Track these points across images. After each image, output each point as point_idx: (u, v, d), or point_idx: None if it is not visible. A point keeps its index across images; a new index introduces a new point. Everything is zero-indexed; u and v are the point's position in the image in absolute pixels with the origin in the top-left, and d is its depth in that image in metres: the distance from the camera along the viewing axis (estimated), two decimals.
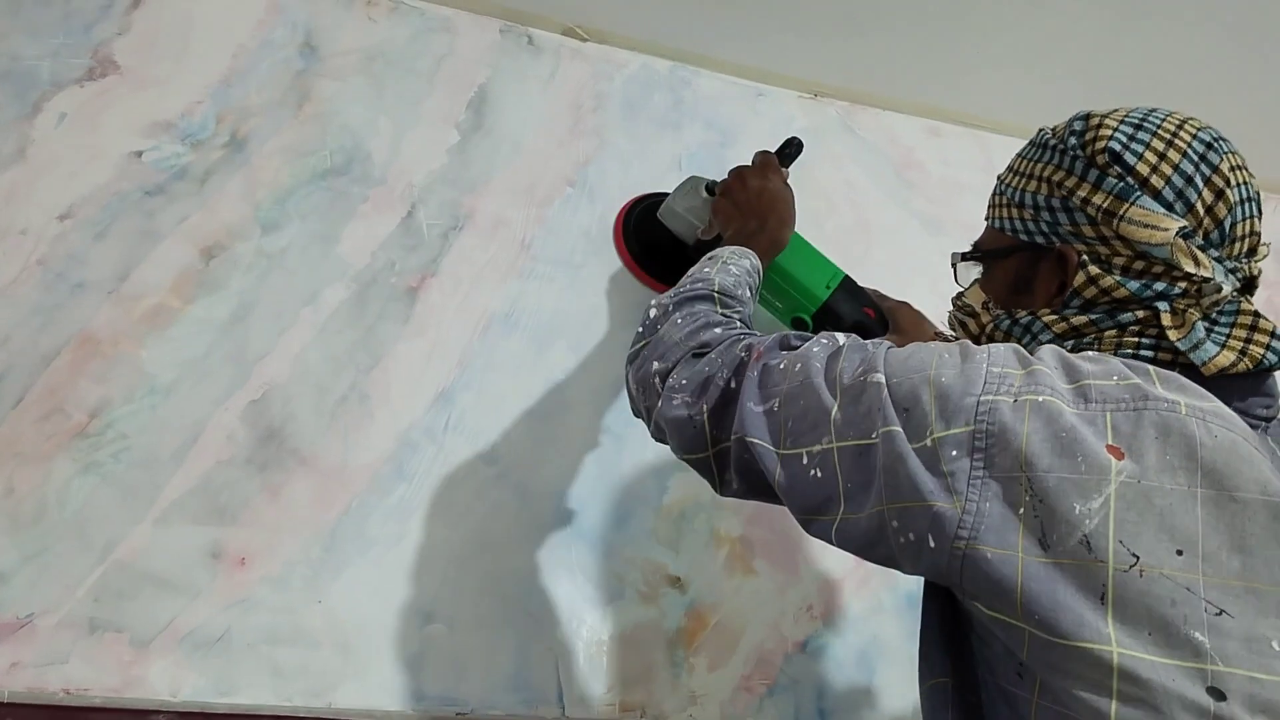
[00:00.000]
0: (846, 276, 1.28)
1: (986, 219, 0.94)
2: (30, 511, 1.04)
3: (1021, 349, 0.72)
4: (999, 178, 0.93)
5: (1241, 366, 0.75)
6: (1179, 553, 0.61)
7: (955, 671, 0.77)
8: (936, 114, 1.68)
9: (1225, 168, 0.78)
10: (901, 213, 1.58)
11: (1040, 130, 0.89)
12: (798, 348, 0.83)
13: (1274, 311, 1.76)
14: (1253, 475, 0.63)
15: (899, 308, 1.30)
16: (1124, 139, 0.79)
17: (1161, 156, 0.78)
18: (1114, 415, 0.66)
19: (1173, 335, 0.76)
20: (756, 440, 0.79)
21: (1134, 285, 0.79)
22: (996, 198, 0.92)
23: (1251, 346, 0.76)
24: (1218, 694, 0.59)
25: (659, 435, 0.91)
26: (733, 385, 0.83)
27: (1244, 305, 0.79)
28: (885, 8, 1.48)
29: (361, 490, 1.15)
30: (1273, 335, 0.77)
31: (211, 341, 1.15)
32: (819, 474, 0.74)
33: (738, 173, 1.22)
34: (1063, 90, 1.62)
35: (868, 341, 0.80)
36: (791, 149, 1.29)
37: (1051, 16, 1.49)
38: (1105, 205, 0.79)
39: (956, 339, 0.99)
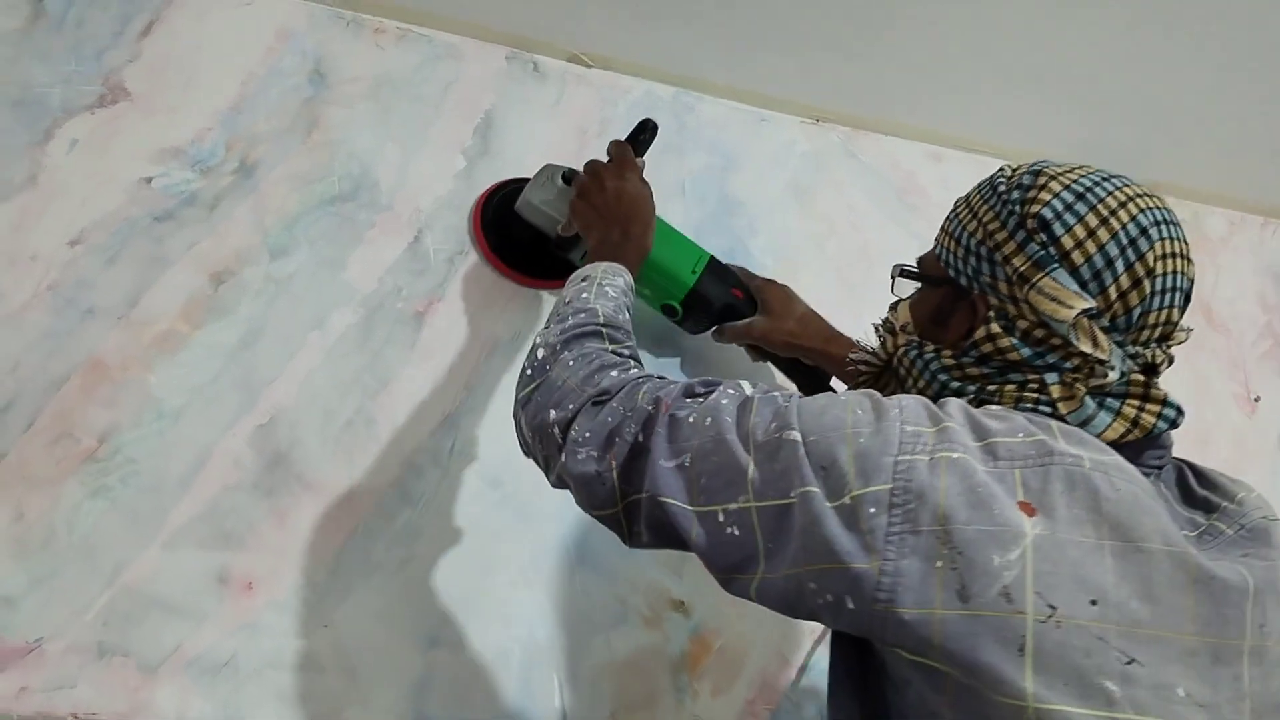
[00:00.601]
0: (712, 258, 1.26)
1: (935, 240, 0.93)
2: (39, 536, 1.05)
3: (931, 404, 0.74)
4: (956, 201, 0.92)
5: (1133, 436, 0.77)
6: (1093, 603, 0.63)
7: (864, 718, 0.78)
8: (938, 139, 1.69)
9: (1152, 257, 0.77)
10: (903, 236, 1.59)
11: (1001, 169, 0.88)
12: (704, 396, 0.81)
13: (1274, 336, 1.77)
14: (1155, 526, 0.66)
15: (767, 286, 1.28)
16: (1059, 208, 0.79)
17: (1090, 233, 0.77)
18: (1022, 472, 0.67)
19: (1063, 408, 0.77)
20: (669, 500, 0.77)
21: (1027, 352, 0.79)
22: (946, 224, 0.91)
23: (1144, 415, 0.78)
24: None
25: (559, 485, 0.89)
26: (640, 439, 0.80)
27: (1134, 378, 0.79)
28: (886, 33, 1.49)
29: (367, 514, 1.16)
30: (1164, 403, 0.79)
31: (220, 366, 1.16)
32: (736, 532, 0.74)
33: (593, 171, 1.17)
34: (1063, 114, 1.63)
35: (775, 393, 0.79)
36: (646, 134, 1.24)
37: (1052, 41, 1.50)
38: (1022, 269, 0.79)
39: (877, 357, 0.98)
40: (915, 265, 0.95)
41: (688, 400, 0.81)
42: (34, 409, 1.09)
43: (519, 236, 1.31)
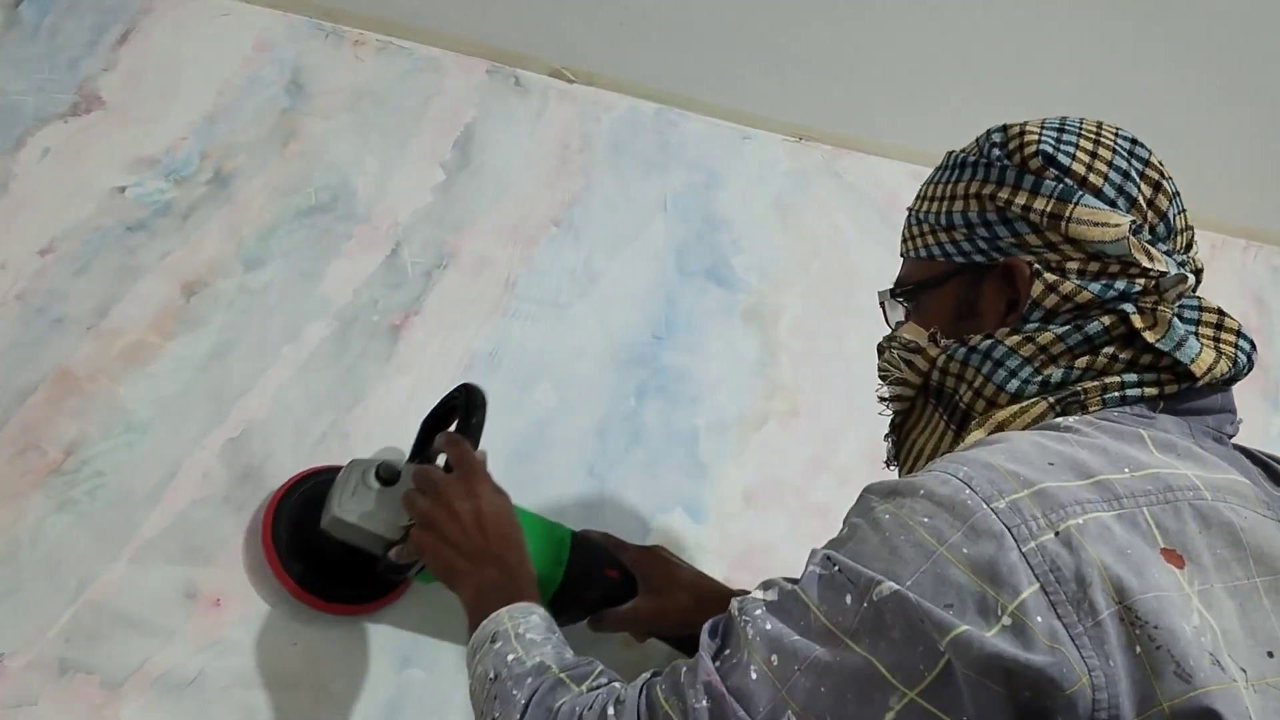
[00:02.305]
0: (574, 535, 1.09)
1: (904, 253, 0.90)
2: (2, 550, 1.02)
3: (988, 457, 0.63)
4: (909, 209, 0.89)
5: (1222, 367, 0.72)
6: (1270, 655, 0.55)
7: None
8: (921, 158, 1.69)
9: (1155, 160, 0.78)
10: (886, 256, 1.57)
11: (949, 153, 0.85)
12: (731, 640, 0.66)
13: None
14: None
15: (641, 559, 1.11)
16: (1053, 141, 0.77)
17: (1093, 155, 0.76)
18: (1150, 510, 0.60)
19: (1150, 336, 0.72)
20: None
21: (1096, 287, 0.74)
22: (915, 228, 0.87)
23: (1223, 346, 0.75)
24: None
25: None
26: None
27: (1205, 303, 0.78)
28: (869, 53, 1.49)
29: None
30: (1239, 334, 0.76)
31: (190, 379, 1.14)
32: None
33: (436, 494, 0.95)
34: None
35: (810, 571, 0.65)
36: (476, 412, 1.03)
37: (1035, 61, 1.50)
38: (1048, 209, 0.75)
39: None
40: (898, 286, 0.91)
41: (723, 660, 0.65)
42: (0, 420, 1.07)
43: (328, 555, 1.06)
